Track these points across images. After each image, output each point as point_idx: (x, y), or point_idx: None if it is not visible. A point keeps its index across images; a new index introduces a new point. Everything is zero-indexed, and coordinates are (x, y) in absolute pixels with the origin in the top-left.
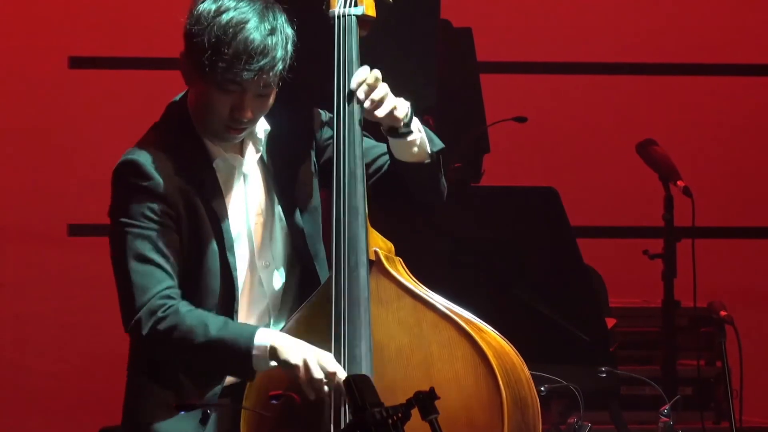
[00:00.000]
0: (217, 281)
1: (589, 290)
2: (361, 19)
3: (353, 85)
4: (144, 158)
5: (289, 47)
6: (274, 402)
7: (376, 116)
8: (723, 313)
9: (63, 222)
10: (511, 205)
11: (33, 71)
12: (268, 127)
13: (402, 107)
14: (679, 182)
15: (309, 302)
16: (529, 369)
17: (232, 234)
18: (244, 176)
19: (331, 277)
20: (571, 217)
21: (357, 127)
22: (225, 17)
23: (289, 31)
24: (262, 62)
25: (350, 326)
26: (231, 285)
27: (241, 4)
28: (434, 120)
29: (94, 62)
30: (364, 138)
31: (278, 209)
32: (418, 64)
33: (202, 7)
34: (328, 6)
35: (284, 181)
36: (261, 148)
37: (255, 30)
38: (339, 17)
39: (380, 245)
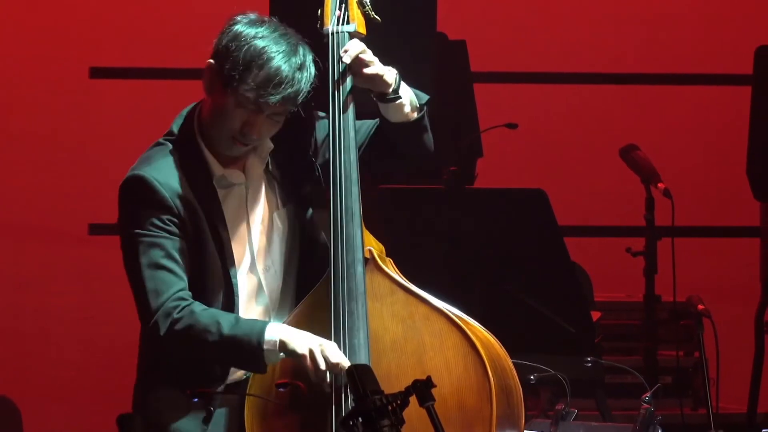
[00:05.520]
0: (219, 288)
1: (576, 285)
2: (353, 36)
3: (343, 54)
4: (149, 173)
5: (312, 80)
6: (280, 390)
7: (364, 74)
8: (701, 306)
9: (84, 222)
10: (502, 206)
11: (56, 81)
12: (272, 146)
13: (389, 74)
14: (659, 184)
15: (308, 297)
16: (520, 359)
17: (231, 244)
18: (246, 188)
19: (329, 273)
20: (559, 217)
21: (351, 133)
22: (261, 42)
23: (313, 70)
24: (286, 92)
25: (349, 318)
26: (231, 292)
27: (275, 35)
28: (430, 126)
29: (114, 72)
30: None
31: (276, 216)
32: (415, 74)
33: (240, 26)
34: (322, 24)
35: (287, 189)
36: (264, 162)
37: (287, 61)
38: (332, 34)
39: (373, 245)
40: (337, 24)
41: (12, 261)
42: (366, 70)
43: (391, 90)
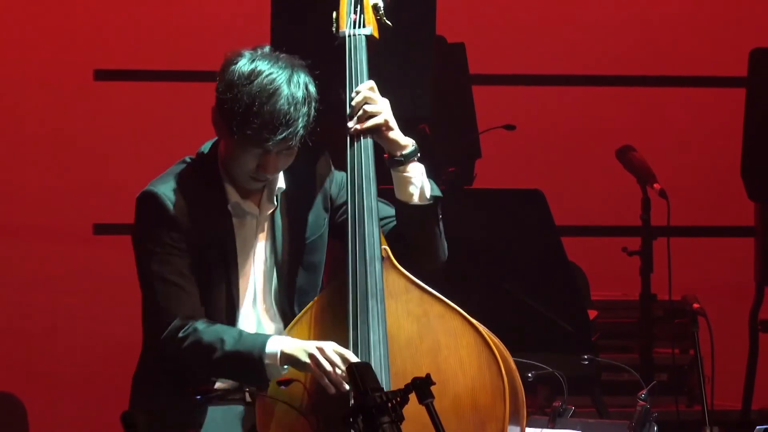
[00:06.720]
0: (221, 314)
1: (573, 284)
2: (368, 40)
3: (354, 100)
4: (165, 191)
5: (312, 110)
6: (282, 387)
7: (365, 126)
8: (696, 305)
9: (89, 222)
10: (500, 206)
11: (61, 83)
12: (284, 186)
13: (403, 138)
14: (655, 185)
15: (320, 296)
16: (517, 357)
17: (239, 274)
18: (257, 221)
19: (347, 270)
20: (556, 217)
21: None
22: (256, 85)
23: (312, 90)
24: (285, 133)
25: (367, 315)
26: (233, 318)
27: (273, 69)
28: (430, 128)
29: (118, 75)
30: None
31: (279, 263)
32: (415, 76)
33: (235, 68)
34: (338, 27)
35: (291, 238)
36: (276, 204)
37: (282, 99)
38: (349, 37)
39: (386, 245)
40: (353, 27)
41: (17, 260)
42: (367, 123)
43: (400, 153)
